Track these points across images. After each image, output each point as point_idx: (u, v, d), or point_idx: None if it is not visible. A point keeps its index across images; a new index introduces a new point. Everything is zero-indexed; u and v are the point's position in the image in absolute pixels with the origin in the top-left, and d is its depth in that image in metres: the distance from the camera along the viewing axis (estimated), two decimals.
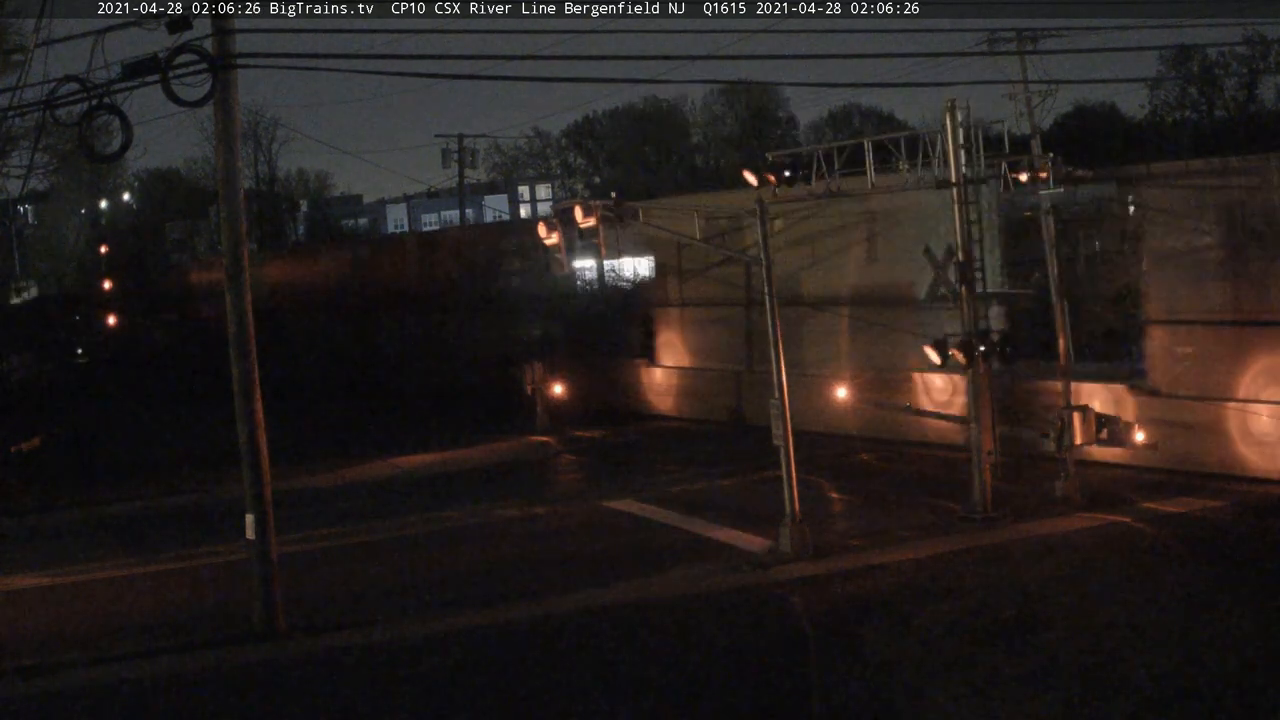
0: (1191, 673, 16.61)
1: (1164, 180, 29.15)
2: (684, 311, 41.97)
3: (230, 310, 20.76)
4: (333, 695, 18.16)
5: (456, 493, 32.00)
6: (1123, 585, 20.49)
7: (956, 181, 25.35)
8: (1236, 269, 27.25)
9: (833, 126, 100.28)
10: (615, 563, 23.92)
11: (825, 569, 22.57)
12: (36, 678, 19.31)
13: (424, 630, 20.67)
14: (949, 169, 25.36)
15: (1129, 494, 26.28)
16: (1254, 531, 23.47)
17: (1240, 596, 19.58)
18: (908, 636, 18.67)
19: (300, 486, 32.82)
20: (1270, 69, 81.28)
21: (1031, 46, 55.41)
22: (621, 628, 20.22)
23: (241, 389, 20.72)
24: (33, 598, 24.36)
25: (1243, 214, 27.10)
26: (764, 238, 24.18)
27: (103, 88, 18.71)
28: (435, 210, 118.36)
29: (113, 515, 32.21)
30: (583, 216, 24.64)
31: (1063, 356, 26.76)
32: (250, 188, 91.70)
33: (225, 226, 20.87)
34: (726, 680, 17.71)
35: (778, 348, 24.01)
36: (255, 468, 20.70)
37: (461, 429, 42.02)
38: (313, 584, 23.35)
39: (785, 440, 23.63)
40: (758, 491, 27.87)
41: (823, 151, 27.57)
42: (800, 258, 36.23)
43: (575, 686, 17.79)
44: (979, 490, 25.20)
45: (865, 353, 35.29)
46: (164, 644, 20.55)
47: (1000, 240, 31.18)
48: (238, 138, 20.84)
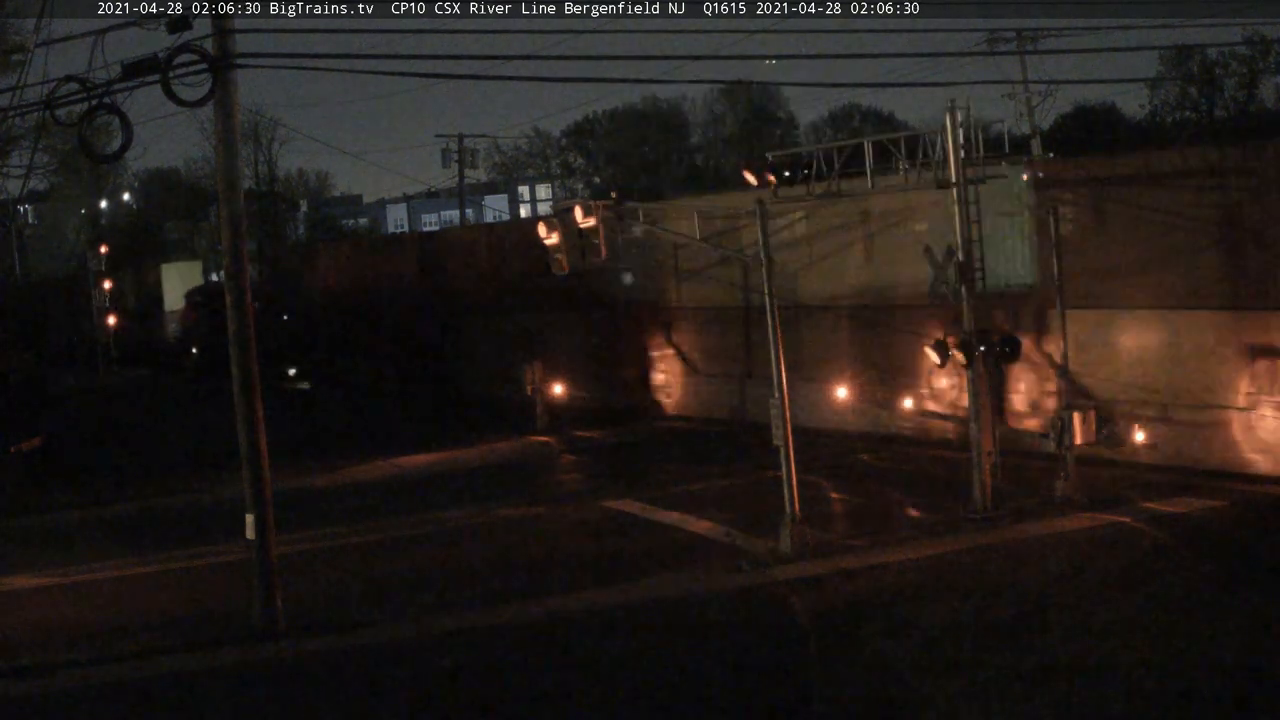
0: (1191, 673, 16.60)
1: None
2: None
3: (230, 310, 20.77)
4: (333, 695, 18.17)
5: (456, 493, 32.00)
6: (1123, 585, 20.49)
7: (957, 181, 25.36)
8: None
9: (833, 126, 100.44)
10: (615, 563, 23.92)
11: (825, 569, 22.56)
12: (36, 678, 19.31)
13: (424, 630, 20.67)
14: (949, 169, 25.37)
15: (1129, 493, 26.26)
16: (1255, 532, 23.48)
17: (1240, 597, 19.60)
18: (908, 636, 18.65)
19: (300, 486, 32.81)
20: (1270, 69, 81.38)
21: (1031, 46, 55.69)
22: (621, 628, 20.21)
23: (241, 389, 20.72)
24: (33, 598, 24.36)
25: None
26: (764, 238, 24.19)
27: (103, 88, 18.73)
28: (435, 210, 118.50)
29: (113, 515, 32.20)
30: (583, 216, 24.67)
31: (1062, 355, 26.77)
32: (250, 188, 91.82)
33: (225, 226, 20.87)
34: (726, 680, 17.69)
35: (777, 348, 24.03)
36: (255, 468, 20.70)
37: (461, 429, 42.04)
38: (313, 584, 23.35)
39: (785, 440, 23.64)
40: (758, 491, 27.86)
41: (823, 152, 27.58)
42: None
43: (575, 686, 17.78)
44: (979, 490, 25.20)
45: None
46: (164, 644, 20.55)
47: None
48: (238, 138, 20.85)
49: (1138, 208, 28.61)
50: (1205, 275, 27.53)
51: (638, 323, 43.54)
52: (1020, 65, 56.53)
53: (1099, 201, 29.34)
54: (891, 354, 34.26)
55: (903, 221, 33.42)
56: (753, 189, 26.65)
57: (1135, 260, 28.70)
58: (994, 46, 54.50)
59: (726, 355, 39.92)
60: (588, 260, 24.96)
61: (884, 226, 34.50)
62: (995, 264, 28.98)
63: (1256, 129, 65.71)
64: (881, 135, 28.24)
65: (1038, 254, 30.12)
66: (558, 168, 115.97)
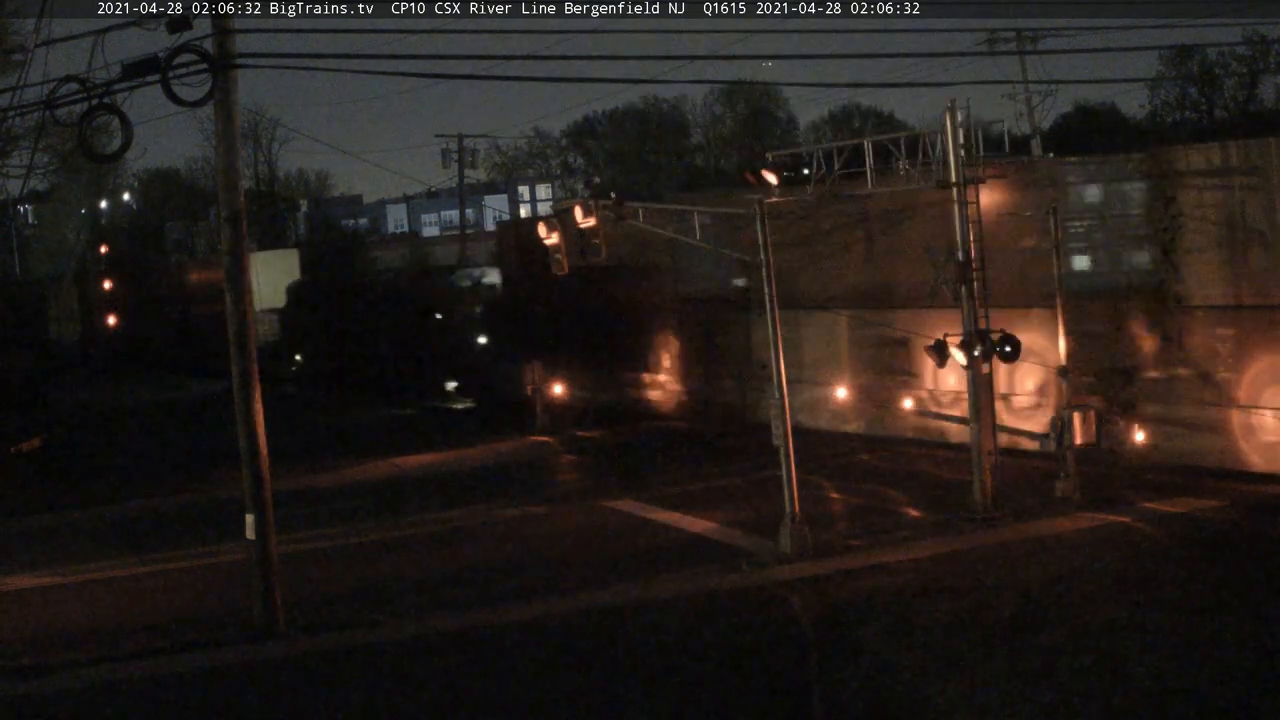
0: (1191, 673, 16.59)
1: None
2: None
3: (230, 310, 20.76)
4: (333, 695, 18.16)
5: (457, 493, 31.99)
6: (1123, 585, 20.48)
7: (957, 181, 25.36)
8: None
9: (833, 126, 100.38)
10: (615, 562, 23.91)
11: (825, 569, 22.57)
12: (36, 678, 19.32)
13: (424, 630, 20.67)
14: (949, 169, 25.37)
15: (1129, 493, 26.27)
16: (1255, 532, 23.47)
17: (1240, 596, 19.60)
18: (908, 636, 18.66)
19: (300, 486, 32.80)
20: (1270, 69, 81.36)
21: (1031, 46, 55.67)
22: (621, 628, 20.21)
23: (241, 389, 20.72)
24: (33, 598, 24.36)
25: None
26: (764, 238, 24.19)
27: (103, 88, 18.74)
28: (435, 210, 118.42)
29: (113, 515, 32.20)
30: (583, 216, 24.67)
31: (1062, 355, 26.76)
32: (250, 188, 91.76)
33: (225, 226, 20.87)
34: (726, 680, 17.70)
35: (777, 348, 24.03)
36: (255, 468, 20.71)
37: (461, 429, 42.03)
38: (313, 584, 23.34)
39: (785, 440, 23.64)
40: (758, 491, 27.86)
41: (823, 152, 27.57)
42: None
43: (575, 687, 17.78)
44: (979, 490, 25.20)
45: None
46: (164, 644, 20.55)
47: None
48: (238, 138, 20.86)
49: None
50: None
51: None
52: (1020, 65, 56.52)
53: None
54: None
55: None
56: (752, 189, 26.61)
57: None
58: (994, 46, 54.49)
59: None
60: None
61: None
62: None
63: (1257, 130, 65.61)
64: (881, 135, 28.23)
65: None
66: (558, 168, 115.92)
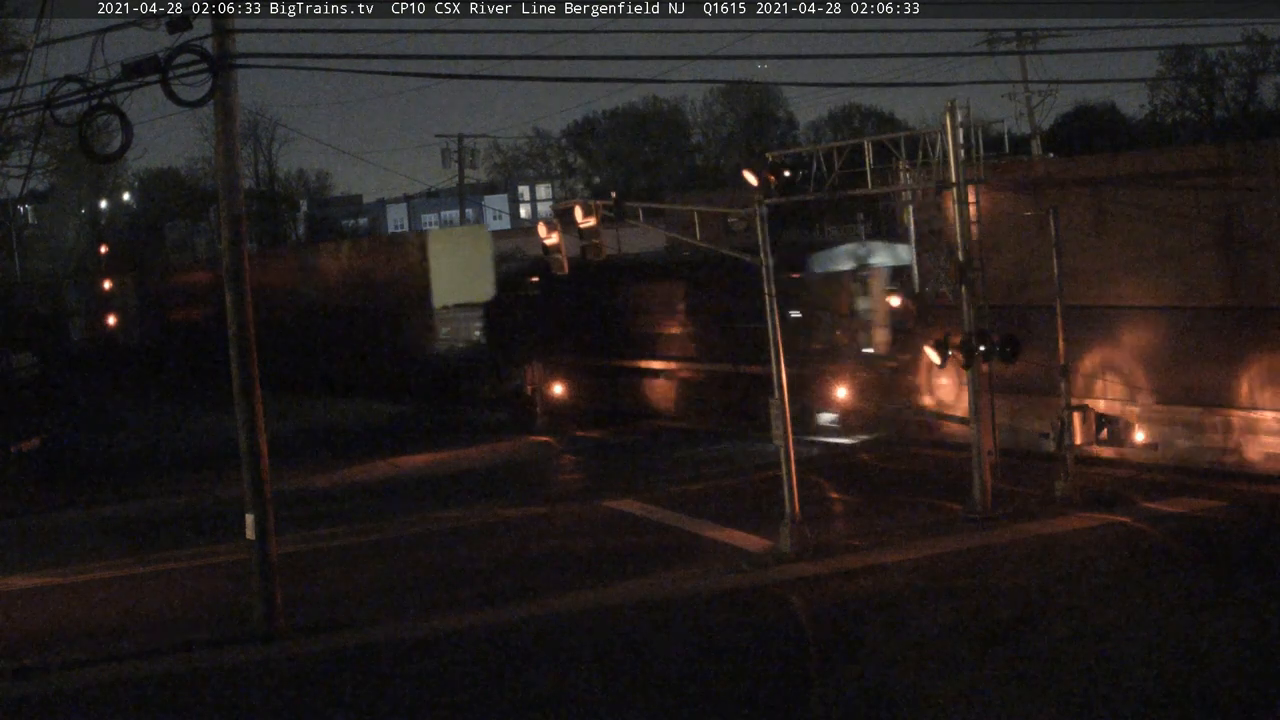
0: (1191, 673, 16.61)
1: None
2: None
3: (230, 310, 20.76)
4: (333, 695, 18.17)
5: (456, 493, 32.00)
6: (1123, 585, 20.49)
7: (957, 181, 25.36)
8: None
9: (833, 126, 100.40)
10: (615, 563, 23.92)
11: (825, 569, 22.57)
12: (36, 678, 19.34)
13: (424, 630, 20.68)
14: (949, 169, 25.37)
15: (1129, 493, 26.27)
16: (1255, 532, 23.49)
17: (1241, 597, 19.61)
18: (907, 636, 18.67)
19: (300, 486, 32.81)
20: (1270, 69, 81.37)
21: (1031, 46, 55.67)
22: (621, 628, 20.22)
23: (241, 389, 20.72)
24: (33, 598, 24.37)
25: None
26: (764, 238, 24.20)
27: (103, 88, 18.73)
28: (435, 210, 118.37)
29: (113, 515, 32.23)
30: (583, 216, 24.68)
31: (1061, 355, 26.75)
32: (250, 188, 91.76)
33: (225, 226, 20.87)
34: (726, 680, 17.70)
35: (777, 347, 24.03)
36: (255, 468, 20.70)
37: (462, 429, 42.03)
38: (313, 584, 23.36)
39: (785, 440, 23.65)
40: (758, 491, 27.86)
41: (823, 152, 27.58)
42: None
43: (575, 686, 17.79)
44: (979, 490, 25.19)
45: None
46: (164, 644, 20.56)
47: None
48: (237, 138, 20.87)
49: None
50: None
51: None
52: (1020, 65, 56.55)
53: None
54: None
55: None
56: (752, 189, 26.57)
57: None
58: (994, 46, 54.48)
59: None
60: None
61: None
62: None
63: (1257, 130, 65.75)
64: (881, 135, 28.23)
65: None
66: (558, 168, 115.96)
